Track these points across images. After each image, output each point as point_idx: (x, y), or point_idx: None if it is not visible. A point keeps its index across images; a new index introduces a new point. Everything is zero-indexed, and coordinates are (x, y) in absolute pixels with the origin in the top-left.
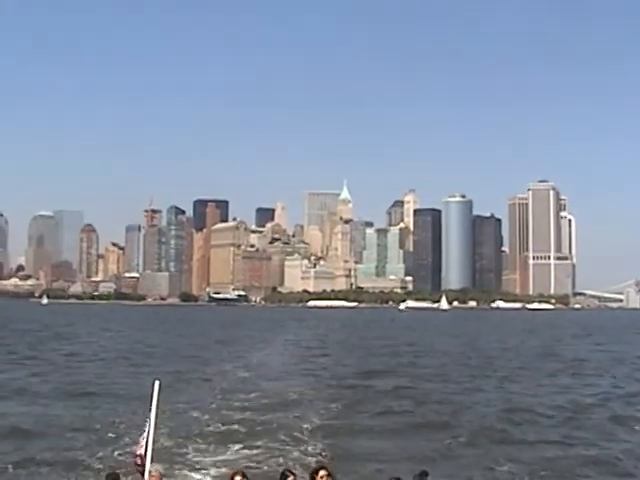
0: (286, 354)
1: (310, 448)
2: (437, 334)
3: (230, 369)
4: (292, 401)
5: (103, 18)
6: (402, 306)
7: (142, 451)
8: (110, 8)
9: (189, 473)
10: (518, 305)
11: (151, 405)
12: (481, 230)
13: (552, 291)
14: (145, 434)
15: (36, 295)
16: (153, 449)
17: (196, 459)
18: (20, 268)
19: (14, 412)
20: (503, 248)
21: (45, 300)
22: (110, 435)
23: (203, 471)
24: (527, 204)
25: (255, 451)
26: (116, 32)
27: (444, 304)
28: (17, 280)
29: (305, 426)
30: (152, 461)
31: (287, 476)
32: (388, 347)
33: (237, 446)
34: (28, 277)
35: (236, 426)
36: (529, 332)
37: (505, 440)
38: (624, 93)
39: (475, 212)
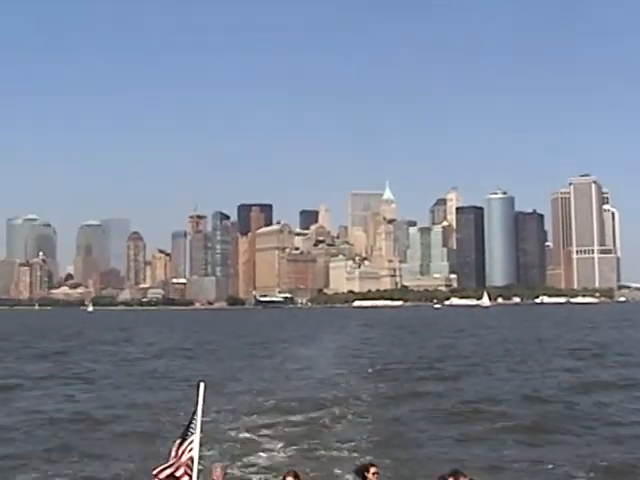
0: (331, 349)
1: (354, 445)
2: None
3: (278, 364)
4: (336, 397)
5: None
6: (437, 305)
7: (189, 453)
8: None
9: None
10: (562, 300)
11: (197, 406)
12: (524, 226)
13: (597, 285)
14: (189, 434)
15: (86, 303)
16: (200, 449)
17: (248, 456)
18: (69, 277)
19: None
20: (547, 243)
21: (91, 308)
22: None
23: (254, 467)
24: (569, 199)
25: (301, 447)
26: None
27: (485, 301)
28: (67, 289)
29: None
30: (199, 461)
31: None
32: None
33: (282, 443)
34: (77, 285)
35: (281, 420)
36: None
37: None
38: None
39: (517, 208)
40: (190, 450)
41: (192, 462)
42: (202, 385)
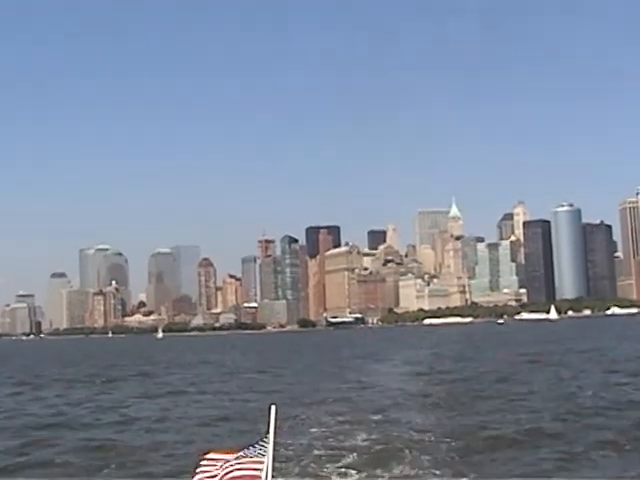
0: (402, 364)
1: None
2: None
3: (353, 377)
4: (407, 401)
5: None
6: (500, 320)
7: (259, 473)
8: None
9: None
10: (634, 310)
11: (268, 429)
12: (592, 238)
13: None
14: (261, 457)
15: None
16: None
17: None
18: (142, 304)
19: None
20: (617, 254)
21: (160, 334)
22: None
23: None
24: (637, 208)
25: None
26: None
27: (553, 314)
28: (140, 316)
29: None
30: None
31: None
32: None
33: (364, 435)
34: (150, 313)
35: (362, 419)
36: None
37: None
38: None
39: (585, 220)
40: (256, 470)
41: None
42: (273, 408)
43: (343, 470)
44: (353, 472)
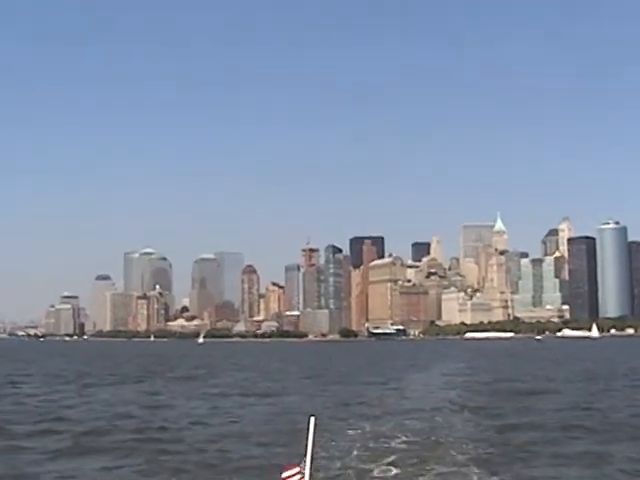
0: (441, 375)
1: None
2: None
3: (396, 386)
4: (444, 406)
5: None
6: (538, 337)
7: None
8: None
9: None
10: None
11: (307, 440)
12: (637, 256)
13: None
14: (302, 466)
15: (202, 335)
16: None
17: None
18: (185, 309)
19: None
20: None
21: (201, 339)
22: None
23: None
24: None
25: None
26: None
27: (594, 332)
28: (183, 321)
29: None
30: None
31: None
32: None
33: (406, 436)
34: (193, 318)
35: (404, 420)
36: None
37: None
38: None
39: (630, 238)
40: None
41: None
42: (312, 419)
43: (383, 468)
44: (393, 469)
